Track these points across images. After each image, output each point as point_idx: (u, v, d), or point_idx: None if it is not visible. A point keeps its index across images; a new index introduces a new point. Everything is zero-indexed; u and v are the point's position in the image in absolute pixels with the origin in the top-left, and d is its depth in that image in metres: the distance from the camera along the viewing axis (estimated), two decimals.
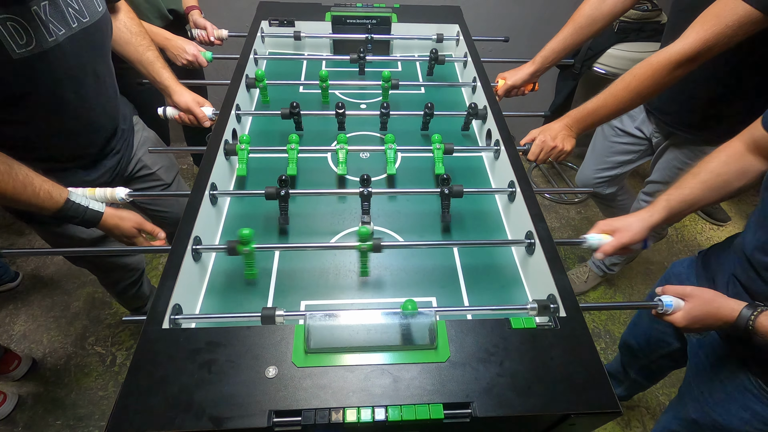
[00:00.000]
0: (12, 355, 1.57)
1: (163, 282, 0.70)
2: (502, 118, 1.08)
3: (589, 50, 1.92)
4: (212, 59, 1.39)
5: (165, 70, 1.13)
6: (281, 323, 0.69)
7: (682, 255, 2.23)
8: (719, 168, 0.83)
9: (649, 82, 0.94)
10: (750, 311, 0.70)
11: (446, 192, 0.92)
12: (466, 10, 1.53)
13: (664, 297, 0.77)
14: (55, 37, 0.80)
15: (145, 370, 0.59)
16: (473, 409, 0.58)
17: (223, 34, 1.48)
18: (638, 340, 1.22)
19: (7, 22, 0.70)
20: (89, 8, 0.88)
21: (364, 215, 0.91)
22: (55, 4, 0.80)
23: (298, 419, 0.56)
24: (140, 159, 1.19)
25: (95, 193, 0.90)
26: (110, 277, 1.32)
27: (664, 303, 0.76)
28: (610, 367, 1.47)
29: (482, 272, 0.88)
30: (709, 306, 0.73)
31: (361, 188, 0.90)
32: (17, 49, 0.73)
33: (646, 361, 1.24)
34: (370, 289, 0.84)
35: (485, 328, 0.66)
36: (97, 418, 1.50)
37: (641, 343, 1.21)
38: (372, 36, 1.39)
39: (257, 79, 1.17)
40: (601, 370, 0.63)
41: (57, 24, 0.80)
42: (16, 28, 0.72)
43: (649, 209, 0.86)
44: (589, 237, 0.86)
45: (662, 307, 0.76)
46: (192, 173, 2.37)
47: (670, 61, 0.90)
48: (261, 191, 0.95)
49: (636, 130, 1.42)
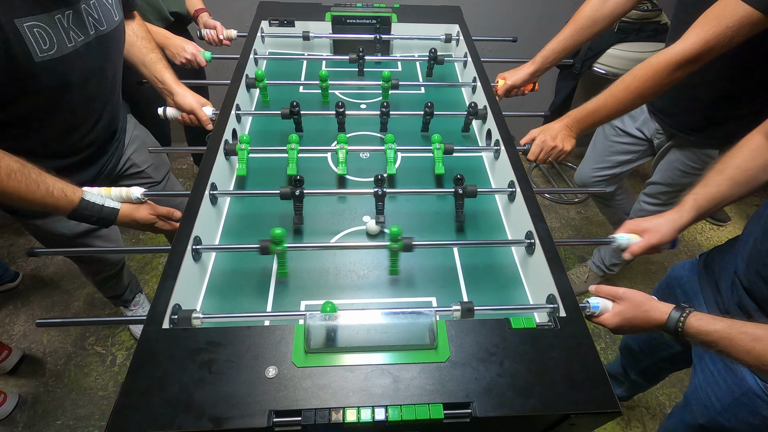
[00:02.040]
0: (1, 346, 1.58)
1: (163, 282, 0.70)
2: (502, 118, 1.08)
3: (589, 50, 1.92)
4: (211, 59, 1.39)
5: (167, 71, 1.13)
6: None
7: (682, 255, 2.23)
8: (744, 163, 0.82)
9: (649, 83, 0.93)
10: (678, 313, 0.69)
11: (460, 192, 0.92)
12: (466, 10, 1.53)
13: (591, 299, 0.77)
14: (74, 43, 0.84)
15: (145, 370, 0.59)
16: (473, 409, 0.58)
17: (232, 34, 1.48)
18: (639, 342, 1.22)
19: (34, 29, 0.76)
20: (107, 17, 0.92)
21: (379, 215, 0.92)
22: (77, 12, 0.84)
23: (298, 419, 0.56)
24: (129, 158, 1.20)
25: (111, 192, 0.90)
26: (90, 268, 1.38)
27: (591, 305, 0.75)
28: (611, 368, 1.47)
29: (482, 272, 0.88)
30: (639, 309, 0.73)
31: (375, 188, 0.90)
32: (39, 53, 0.78)
33: (648, 363, 1.24)
34: (370, 289, 0.84)
35: (485, 328, 0.66)
36: (97, 418, 1.50)
37: (642, 346, 1.21)
38: (380, 36, 1.39)
39: (257, 79, 1.17)
40: (601, 370, 0.63)
41: (77, 31, 0.84)
42: (41, 33, 0.77)
43: (678, 210, 0.86)
44: (618, 237, 0.86)
45: (589, 309, 0.75)
46: (192, 173, 2.37)
47: (670, 62, 0.90)
48: (261, 191, 0.96)
49: (636, 131, 1.42)
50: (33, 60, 0.77)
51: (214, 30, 1.47)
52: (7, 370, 1.59)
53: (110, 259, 1.36)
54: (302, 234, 0.93)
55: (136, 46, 1.11)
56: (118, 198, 0.91)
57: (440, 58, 1.33)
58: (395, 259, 0.85)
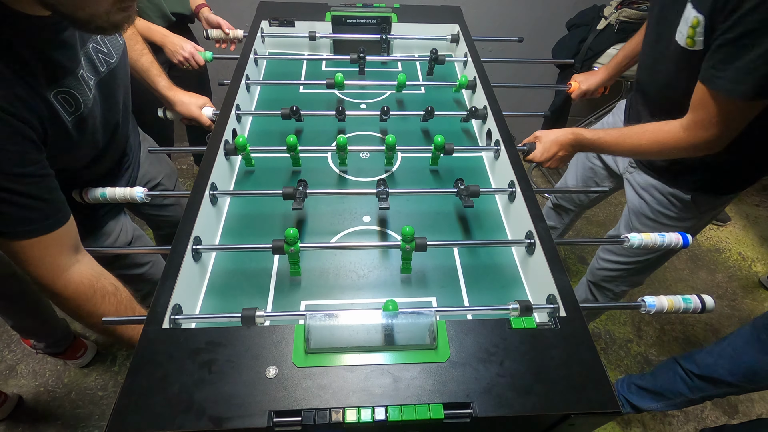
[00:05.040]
0: (80, 342, 1.63)
1: (163, 282, 0.70)
2: (502, 118, 1.08)
3: (589, 50, 1.92)
4: (212, 59, 1.38)
5: (161, 77, 1.10)
6: (261, 324, 0.69)
7: (681, 255, 2.23)
8: None
9: (659, 155, 0.99)
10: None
11: (462, 187, 0.93)
12: (466, 10, 1.53)
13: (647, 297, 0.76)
14: (91, 90, 0.77)
15: (145, 370, 0.59)
16: (473, 409, 0.58)
17: (239, 35, 1.43)
18: (736, 376, 1.19)
19: (59, 95, 0.70)
20: (114, 46, 0.85)
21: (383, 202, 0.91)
22: (89, 58, 0.77)
23: (298, 419, 0.56)
24: (147, 171, 1.15)
25: (115, 191, 0.89)
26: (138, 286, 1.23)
27: (647, 303, 0.75)
28: (665, 385, 1.40)
29: (482, 272, 0.88)
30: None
31: (378, 184, 0.91)
32: (69, 116, 0.72)
33: (739, 390, 1.21)
34: (370, 289, 0.84)
35: (485, 328, 0.66)
36: (97, 418, 1.50)
37: (740, 379, 1.19)
38: (386, 36, 1.39)
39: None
40: (601, 370, 0.63)
41: (90, 75, 0.78)
42: (66, 98, 0.71)
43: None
44: (631, 237, 0.86)
45: (645, 308, 0.75)
46: (192, 173, 2.37)
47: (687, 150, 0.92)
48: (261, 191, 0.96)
49: (611, 161, 1.36)
50: (67, 125, 0.72)
51: (220, 29, 1.43)
52: (83, 365, 1.65)
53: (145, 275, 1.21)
54: (302, 234, 0.93)
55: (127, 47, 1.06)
56: (122, 198, 0.90)
57: (441, 58, 1.33)
58: (408, 258, 0.84)
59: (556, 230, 1.72)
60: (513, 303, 0.73)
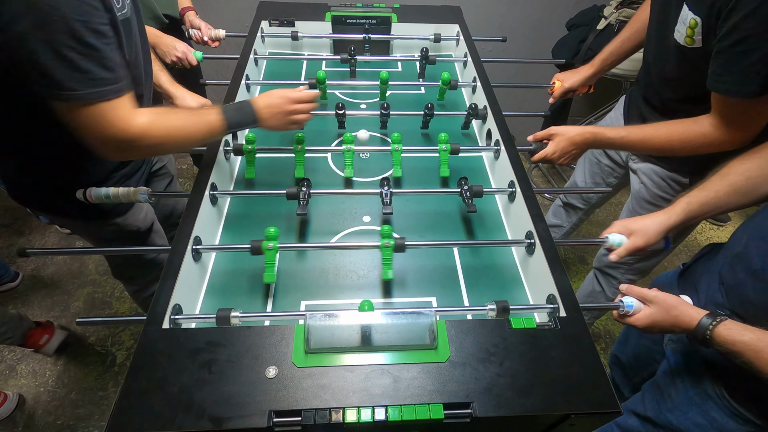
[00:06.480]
0: (40, 330, 1.60)
1: (163, 282, 0.70)
2: (502, 118, 1.08)
3: (589, 50, 1.91)
4: (203, 59, 1.39)
5: (162, 72, 1.11)
6: (236, 324, 0.69)
7: (681, 255, 2.23)
8: (750, 171, 0.79)
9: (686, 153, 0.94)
10: (710, 320, 0.68)
11: (466, 188, 0.93)
12: (466, 10, 1.53)
13: (625, 298, 0.76)
14: (125, 6, 0.81)
15: (145, 370, 0.59)
16: (473, 409, 0.58)
17: (220, 34, 1.46)
18: (627, 356, 1.20)
19: None
20: None
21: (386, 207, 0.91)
22: None
23: (298, 419, 0.56)
24: None
25: (119, 191, 0.90)
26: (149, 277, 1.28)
27: (625, 304, 0.75)
28: None
29: (482, 272, 0.88)
30: (669, 313, 0.73)
31: (380, 188, 0.91)
32: (117, 12, 0.75)
33: (638, 379, 1.21)
34: (370, 289, 0.84)
35: (485, 328, 0.66)
36: (97, 418, 1.50)
37: (630, 361, 1.19)
38: (369, 36, 1.39)
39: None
40: (601, 370, 0.63)
41: None
42: None
43: (668, 211, 0.84)
44: (610, 236, 0.86)
45: (623, 308, 0.75)
46: (192, 173, 2.37)
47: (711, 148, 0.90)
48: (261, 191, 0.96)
49: (614, 153, 1.35)
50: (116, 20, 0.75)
51: (200, 30, 1.47)
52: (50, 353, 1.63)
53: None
54: (303, 234, 0.93)
55: None
56: (126, 198, 0.90)
57: (432, 58, 1.33)
58: (388, 258, 0.82)
59: (562, 229, 1.71)
60: (490, 304, 0.72)
